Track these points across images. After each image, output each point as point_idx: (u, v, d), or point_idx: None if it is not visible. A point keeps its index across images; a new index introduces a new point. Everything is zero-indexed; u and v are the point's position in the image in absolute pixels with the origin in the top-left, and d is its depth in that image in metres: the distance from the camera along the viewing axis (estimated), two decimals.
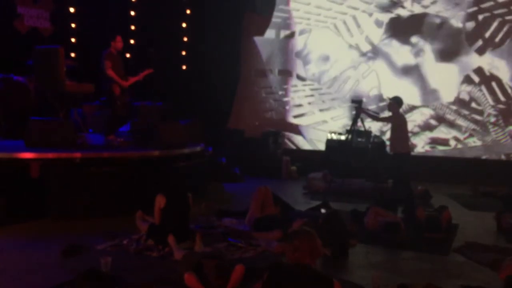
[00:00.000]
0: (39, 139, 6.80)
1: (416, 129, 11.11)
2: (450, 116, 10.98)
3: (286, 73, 12.11)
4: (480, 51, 10.71)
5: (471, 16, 10.77)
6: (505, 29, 10.55)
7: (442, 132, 11.03)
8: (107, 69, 7.53)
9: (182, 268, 4.16)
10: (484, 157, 10.79)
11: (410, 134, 9.14)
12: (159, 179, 6.39)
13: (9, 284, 4.10)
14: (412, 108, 11.08)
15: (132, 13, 10.86)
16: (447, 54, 10.95)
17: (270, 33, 12.11)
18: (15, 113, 7.94)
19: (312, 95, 11.96)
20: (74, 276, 4.04)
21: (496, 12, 10.60)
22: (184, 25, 11.46)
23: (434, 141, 11.08)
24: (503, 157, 10.73)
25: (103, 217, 6.20)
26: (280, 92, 12.10)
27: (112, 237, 5.41)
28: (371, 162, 9.64)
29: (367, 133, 9.93)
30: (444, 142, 11.04)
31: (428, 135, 11.12)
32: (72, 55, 9.93)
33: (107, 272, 4.17)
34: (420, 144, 11.11)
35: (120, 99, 7.71)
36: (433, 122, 11.11)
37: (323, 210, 6.95)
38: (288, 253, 3.09)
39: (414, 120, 10.99)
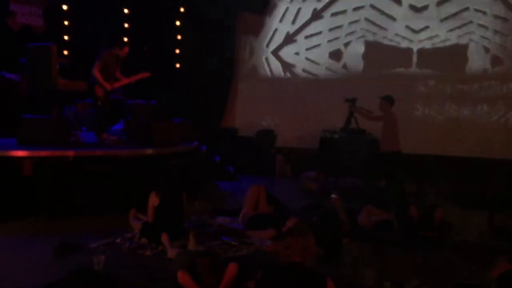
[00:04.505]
0: (32, 137, 6.77)
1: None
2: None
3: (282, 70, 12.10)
4: None
5: None
6: None
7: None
8: (95, 68, 7.51)
9: (175, 266, 4.15)
10: (477, 155, 10.83)
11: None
12: (153, 178, 6.36)
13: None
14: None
15: (126, 11, 10.83)
16: None
17: (265, 31, 12.10)
18: (8, 110, 7.89)
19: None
20: (66, 274, 4.02)
21: None
22: (178, 23, 11.44)
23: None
24: (496, 155, 10.77)
25: (96, 215, 6.14)
26: (276, 89, 12.07)
27: (105, 235, 5.38)
28: (365, 160, 9.66)
29: (361, 131, 9.94)
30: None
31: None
32: (65, 52, 9.87)
33: (100, 270, 4.16)
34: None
35: (102, 100, 7.68)
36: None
37: (333, 195, 6.69)
38: (281, 251, 3.09)
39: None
